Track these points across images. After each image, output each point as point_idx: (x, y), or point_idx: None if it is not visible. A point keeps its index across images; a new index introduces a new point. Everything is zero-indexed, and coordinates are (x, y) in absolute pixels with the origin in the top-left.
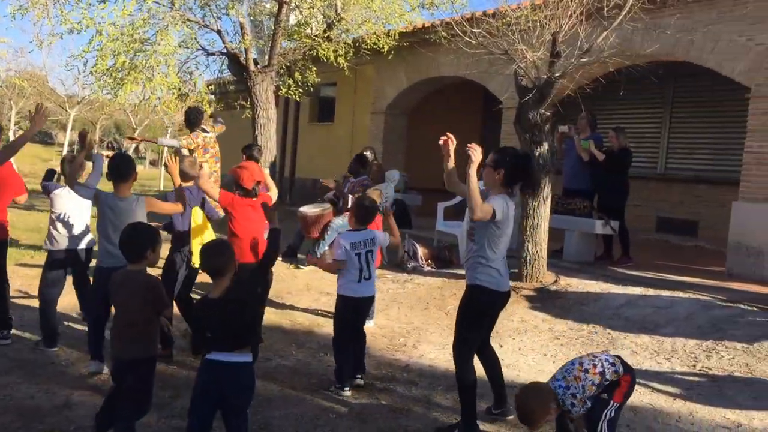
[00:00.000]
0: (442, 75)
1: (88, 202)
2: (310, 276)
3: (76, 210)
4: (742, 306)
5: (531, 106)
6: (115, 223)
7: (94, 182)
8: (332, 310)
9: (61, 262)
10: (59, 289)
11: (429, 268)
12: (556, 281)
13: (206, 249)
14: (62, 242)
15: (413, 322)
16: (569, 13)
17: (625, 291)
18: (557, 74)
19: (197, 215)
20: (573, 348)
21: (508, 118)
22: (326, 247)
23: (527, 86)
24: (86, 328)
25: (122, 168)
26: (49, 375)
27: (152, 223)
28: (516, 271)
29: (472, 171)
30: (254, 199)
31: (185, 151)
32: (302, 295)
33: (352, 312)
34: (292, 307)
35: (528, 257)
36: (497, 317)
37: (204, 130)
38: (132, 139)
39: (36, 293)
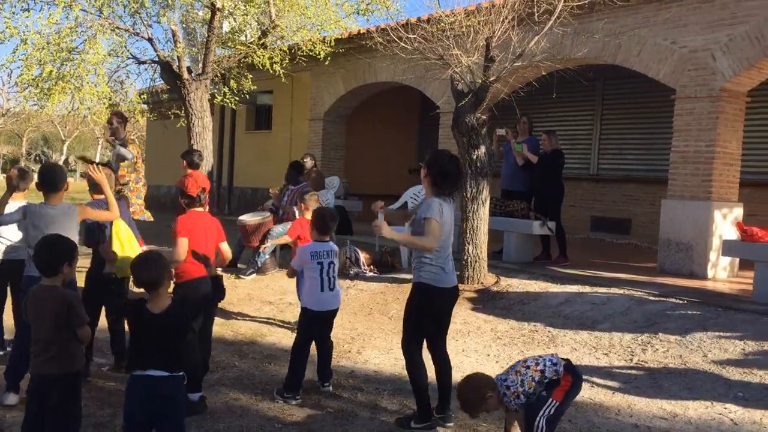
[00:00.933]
0: (379, 81)
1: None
2: (251, 286)
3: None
4: (673, 300)
5: (467, 110)
6: (45, 232)
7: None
8: (275, 319)
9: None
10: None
11: (371, 274)
12: (497, 282)
13: (139, 262)
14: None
15: (357, 328)
16: (501, 18)
17: (563, 289)
18: (492, 78)
19: (119, 226)
20: (515, 347)
21: (446, 123)
22: (266, 256)
23: (463, 91)
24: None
25: (53, 178)
26: None
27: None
28: (458, 273)
29: (390, 234)
30: (200, 207)
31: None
32: (244, 305)
33: (317, 325)
34: (234, 317)
35: (469, 259)
36: (447, 315)
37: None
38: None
39: None
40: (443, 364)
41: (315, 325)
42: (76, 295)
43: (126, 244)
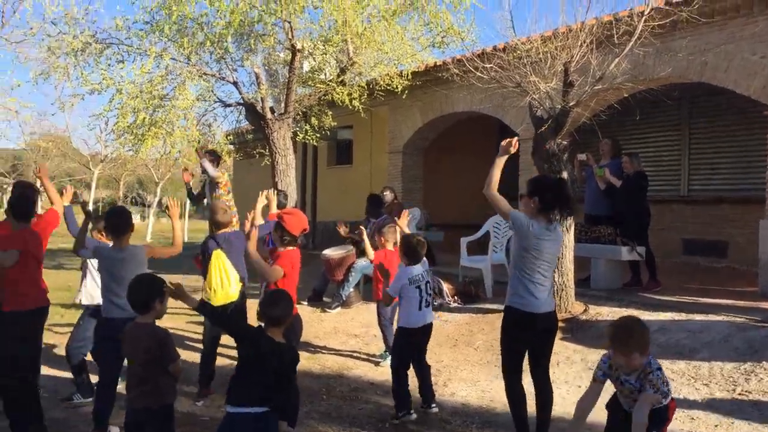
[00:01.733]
0: (456, 111)
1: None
2: (336, 319)
3: None
4: None
5: (547, 136)
6: (116, 275)
7: (76, 233)
8: (360, 352)
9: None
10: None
11: (455, 304)
12: (585, 310)
13: (273, 297)
14: (97, 297)
15: (442, 360)
16: (579, 42)
17: (656, 317)
18: (571, 103)
19: (220, 257)
20: None
21: (526, 150)
22: (351, 290)
23: (542, 117)
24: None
25: (118, 223)
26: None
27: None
28: None
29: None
30: (297, 246)
31: (224, 202)
32: (330, 338)
33: (413, 344)
34: (320, 351)
35: (555, 287)
36: (539, 344)
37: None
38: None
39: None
40: (539, 395)
41: (410, 344)
42: (167, 333)
43: (224, 274)
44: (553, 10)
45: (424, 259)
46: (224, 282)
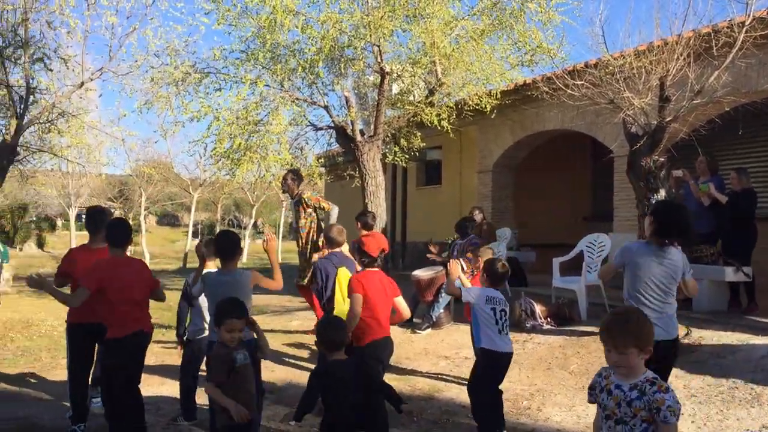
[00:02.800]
0: (546, 129)
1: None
2: (427, 340)
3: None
4: None
5: (643, 153)
6: (223, 295)
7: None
8: (452, 373)
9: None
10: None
11: (548, 326)
12: (687, 334)
13: (325, 324)
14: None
15: (536, 383)
16: (676, 56)
17: (765, 341)
18: (668, 119)
19: (343, 276)
20: (713, 406)
21: (620, 167)
22: (441, 310)
23: (637, 133)
24: None
25: (225, 246)
26: None
27: None
28: None
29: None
30: (379, 267)
31: (333, 218)
32: (420, 359)
33: (495, 366)
34: (411, 372)
35: None
36: (663, 367)
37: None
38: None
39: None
40: None
41: (496, 366)
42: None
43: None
44: (647, 24)
45: (506, 287)
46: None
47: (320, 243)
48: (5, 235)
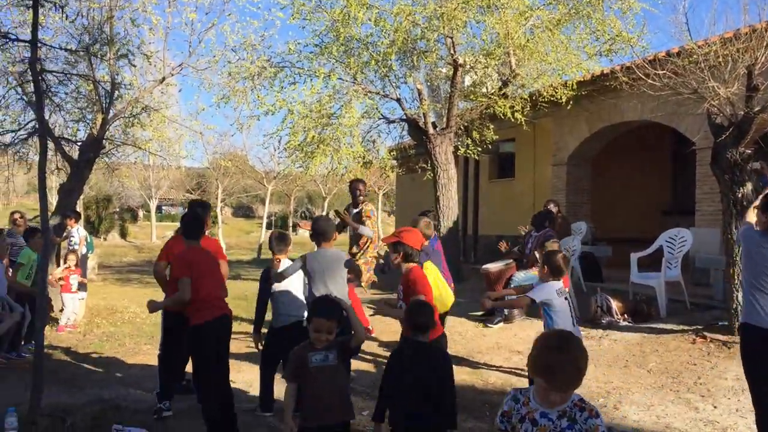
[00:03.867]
0: (625, 120)
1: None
2: (499, 334)
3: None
4: None
5: (729, 145)
6: (322, 273)
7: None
8: (524, 369)
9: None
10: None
11: (625, 323)
12: None
13: (418, 306)
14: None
15: (612, 381)
16: (765, 43)
17: None
18: (756, 109)
19: (431, 269)
20: None
21: (704, 159)
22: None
23: (722, 124)
24: None
25: (325, 228)
26: None
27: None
28: (726, 323)
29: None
30: (417, 263)
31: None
32: (493, 353)
33: None
34: (483, 366)
35: (738, 307)
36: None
37: None
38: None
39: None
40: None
41: None
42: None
43: (439, 282)
44: (733, 10)
45: (580, 281)
46: (440, 286)
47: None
48: (91, 225)
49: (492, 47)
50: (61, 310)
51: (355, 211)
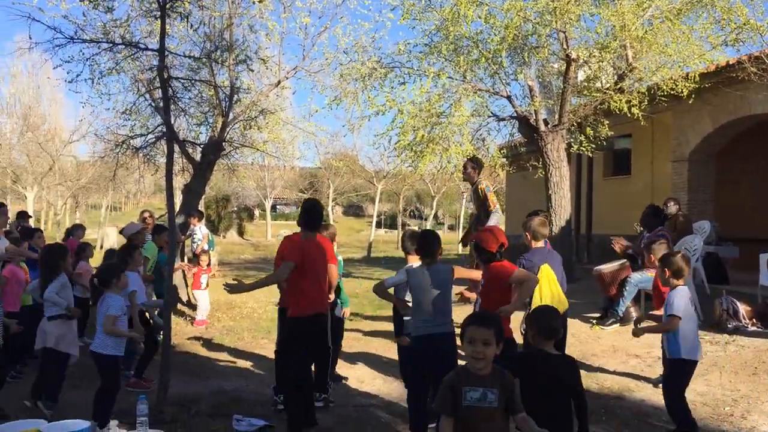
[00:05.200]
0: (754, 113)
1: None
2: (614, 337)
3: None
4: None
5: None
6: (425, 290)
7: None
8: (643, 373)
9: None
10: None
11: (754, 328)
12: None
13: (541, 312)
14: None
15: (739, 389)
16: None
17: None
18: None
19: (548, 273)
20: None
21: None
22: (627, 304)
23: None
24: None
25: (431, 244)
26: None
27: None
28: None
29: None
30: (498, 263)
31: (493, 222)
32: (608, 357)
33: (690, 374)
34: (598, 370)
35: None
36: None
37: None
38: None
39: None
40: None
41: (690, 373)
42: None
43: (553, 288)
44: None
45: (703, 283)
46: (554, 290)
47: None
48: (211, 224)
49: (607, 40)
50: (187, 304)
51: (472, 189)
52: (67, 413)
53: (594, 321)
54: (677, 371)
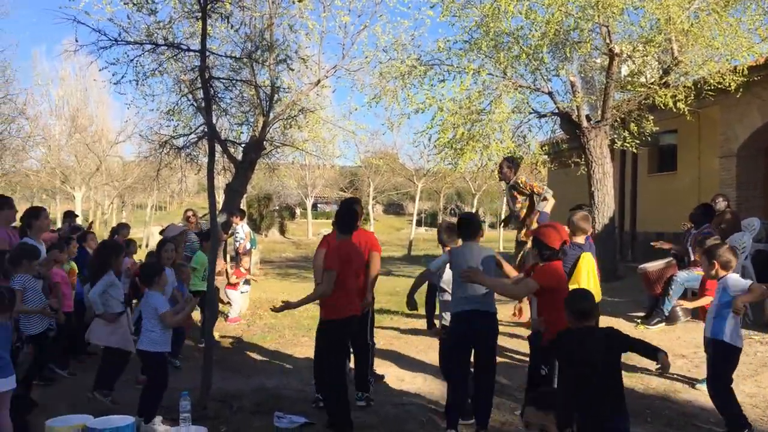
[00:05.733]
0: None
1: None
2: (659, 336)
3: None
4: None
5: None
6: (466, 267)
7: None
8: (689, 374)
9: None
10: None
11: None
12: None
13: (579, 293)
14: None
15: None
16: None
17: None
18: None
19: (588, 260)
20: None
21: None
22: (673, 303)
23: None
24: None
25: (471, 224)
26: None
27: None
28: None
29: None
30: (559, 261)
31: (548, 206)
32: None
33: (735, 361)
34: (643, 370)
35: None
36: None
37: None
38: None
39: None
40: None
41: (732, 363)
42: None
43: (591, 278)
44: None
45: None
46: (591, 280)
47: (525, 228)
48: (253, 222)
49: (651, 34)
50: (228, 304)
51: (508, 187)
52: (114, 409)
53: (638, 320)
54: (721, 356)
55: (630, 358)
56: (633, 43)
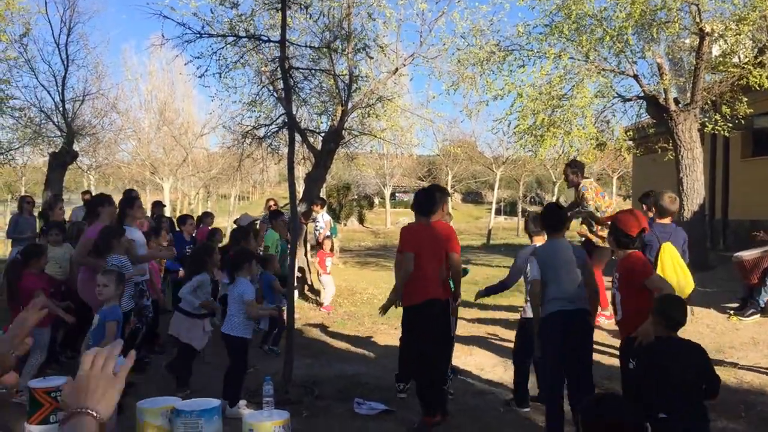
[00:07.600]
0: None
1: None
2: (755, 329)
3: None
4: None
5: None
6: (552, 266)
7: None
8: None
9: None
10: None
11: None
12: None
13: (674, 301)
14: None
15: None
16: None
17: None
18: None
19: (670, 251)
20: None
21: None
22: None
23: None
24: None
25: (555, 216)
26: None
27: None
28: None
29: None
30: (637, 252)
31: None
32: (748, 349)
33: None
34: (736, 364)
35: None
36: None
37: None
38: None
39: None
40: None
41: None
42: None
43: (678, 268)
44: None
45: None
46: (679, 271)
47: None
48: (332, 212)
49: (745, 11)
50: (310, 290)
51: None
52: (199, 392)
53: (732, 311)
54: None
55: (723, 350)
56: (725, 22)
